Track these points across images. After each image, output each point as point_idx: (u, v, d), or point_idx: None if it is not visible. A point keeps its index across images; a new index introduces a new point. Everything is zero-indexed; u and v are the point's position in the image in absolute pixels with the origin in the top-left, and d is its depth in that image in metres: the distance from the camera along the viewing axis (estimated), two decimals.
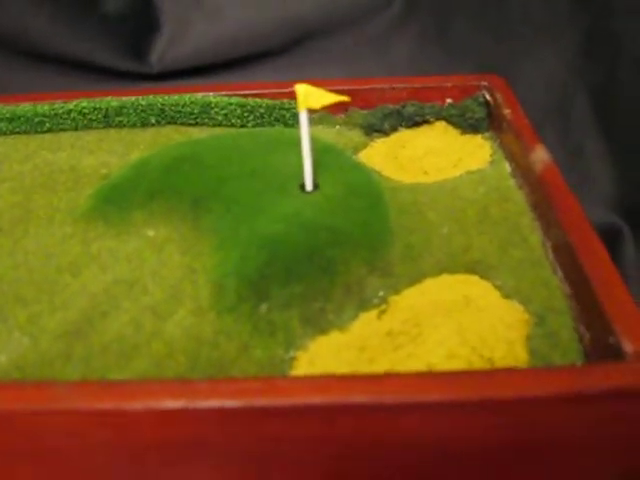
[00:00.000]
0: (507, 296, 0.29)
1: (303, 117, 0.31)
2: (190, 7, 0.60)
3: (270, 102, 0.43)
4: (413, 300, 0.29)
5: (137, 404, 0.22)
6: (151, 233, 0.33)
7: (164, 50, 0.60)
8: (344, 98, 0.31)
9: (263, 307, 0.28)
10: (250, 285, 0.28)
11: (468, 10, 0.57)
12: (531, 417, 0.23)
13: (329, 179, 0.34)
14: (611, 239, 0.50)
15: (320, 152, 0.36)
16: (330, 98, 0.31)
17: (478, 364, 0.26)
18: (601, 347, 0.26)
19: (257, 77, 0.61)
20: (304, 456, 0.24)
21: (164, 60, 0.60)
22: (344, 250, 0.30)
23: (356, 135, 0.42)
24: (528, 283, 0.30)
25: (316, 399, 0.22)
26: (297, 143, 0.34)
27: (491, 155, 0.39)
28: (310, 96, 0.30)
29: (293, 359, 0.27)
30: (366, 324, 0.28)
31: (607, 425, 0.23)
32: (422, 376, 0.24)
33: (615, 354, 0.24)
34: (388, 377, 0.24)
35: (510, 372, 0.25)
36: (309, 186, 0.33)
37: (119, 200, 0.35)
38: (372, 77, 0.45)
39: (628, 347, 0.24)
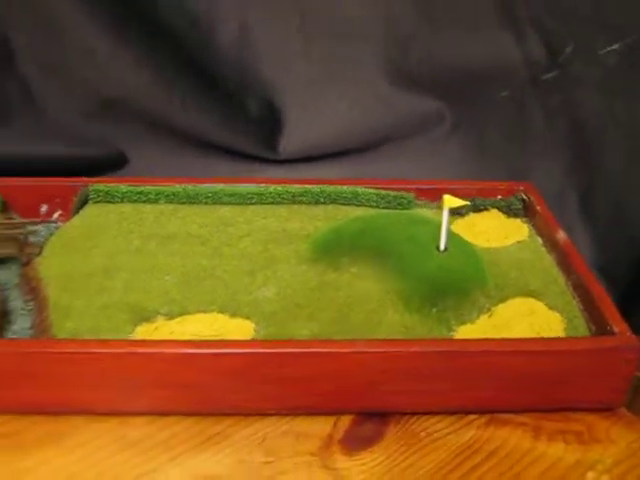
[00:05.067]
0: (551, 309, 0.57)
1: (445, 212, 0.58)
2: (302, 111, 0.87)
3: (393, 193, 0.70)
4: (504, 310, 0.56)
5: (374, 349, 0.48)
6: (354, 270, 0.60)
7: (286, 142, 0.86)
8: (466, 203, 0.59)
9: (434, 310, 0.55)
10: (427, 299, 0.55)
11: (497, 127, 0.86)
12: (566, 360, 0.50)
13: (449, 244, 0.61)
14: None
15: (437, 226, 0.63)
16: (459, 202, 0.58)
17: None
18: (601, 333, 0.53)
19: (349, 166, 0.88)
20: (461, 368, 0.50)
21: (287, 150, 0.86)
22: (468, 283, 0.57)
23: None
24: (561, 303, 0.57)
25: (457, 348, 0.49)
26: (423, 220, 0.62)
27: (528, 232, 0.68)
28: (450, 201, 0.58)
29: (452, 336, 0.53)
30: (483, 321, 0.55)
31: (607, 362, 0.50)
32: (512, 339, 0.52)
33: (610, 334, 0.52)
34: (491, 340, 0.51)
35: (558, 338, 0.52)
36: (442, 247, 0.60)
37: (330, 251, 0.61)
38: (455, 179, 0.73)
39: (616, 329, 0.51)
